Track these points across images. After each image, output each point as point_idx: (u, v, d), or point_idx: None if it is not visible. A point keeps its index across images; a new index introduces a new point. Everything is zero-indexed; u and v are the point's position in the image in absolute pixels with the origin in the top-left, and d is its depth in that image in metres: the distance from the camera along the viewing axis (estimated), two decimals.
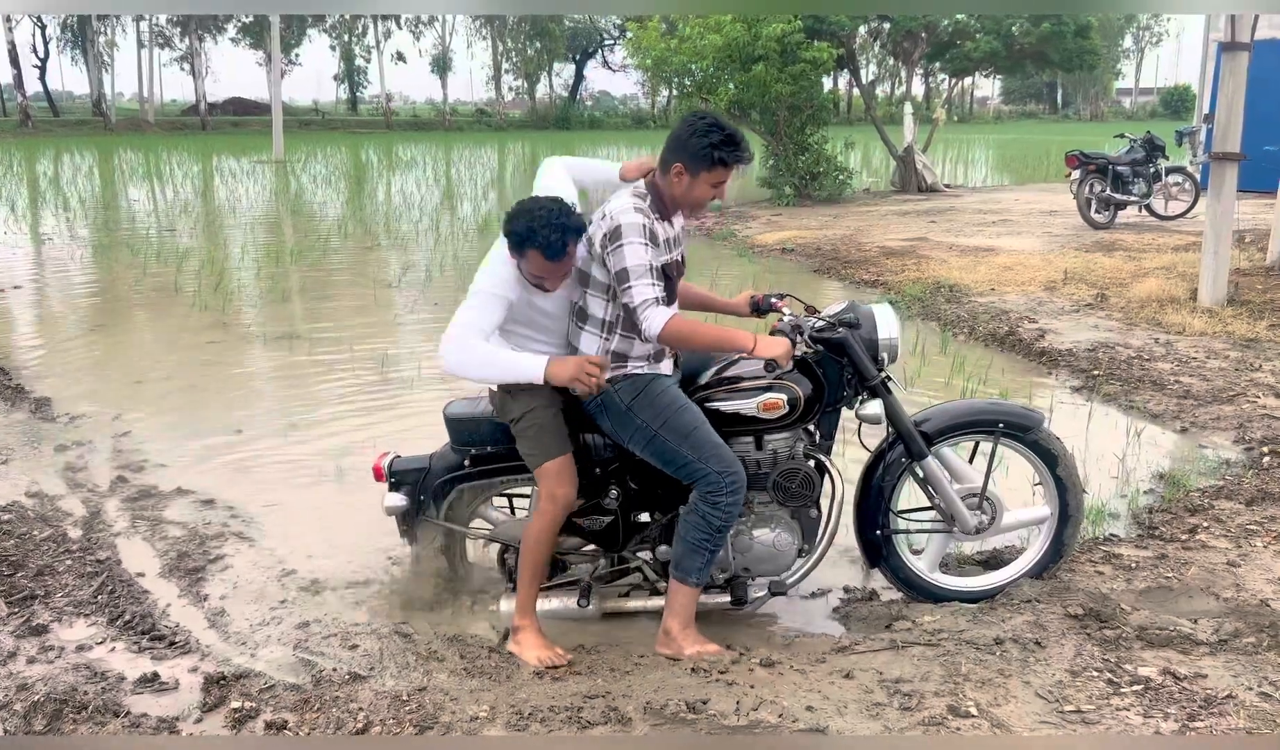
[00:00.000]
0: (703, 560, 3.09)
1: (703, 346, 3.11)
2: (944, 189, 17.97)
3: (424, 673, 2.96)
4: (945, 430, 3.33)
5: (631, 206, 2.98)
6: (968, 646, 2.96)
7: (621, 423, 3.09)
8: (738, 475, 3.04)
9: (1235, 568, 3.52)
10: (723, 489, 3.02)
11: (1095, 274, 9.02)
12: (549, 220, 2.92)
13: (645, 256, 2.93)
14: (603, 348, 3.09)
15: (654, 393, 3.07)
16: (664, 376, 3.14)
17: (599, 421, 3.17)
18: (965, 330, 7.39)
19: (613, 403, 3.08)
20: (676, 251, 3.14)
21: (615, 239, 2.95)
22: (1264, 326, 6.96)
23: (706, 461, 3.01)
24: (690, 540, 3.08)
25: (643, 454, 3.11)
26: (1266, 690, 2.70)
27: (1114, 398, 5.72)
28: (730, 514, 3.05)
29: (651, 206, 3.03)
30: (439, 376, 6.35)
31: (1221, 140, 7.53)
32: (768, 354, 2.99)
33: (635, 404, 3.06)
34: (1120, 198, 12.22)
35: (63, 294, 9.48)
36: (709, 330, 3.07)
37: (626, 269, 2.93)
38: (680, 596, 3.14)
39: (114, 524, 4.10)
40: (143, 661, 3.07)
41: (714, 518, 3.04)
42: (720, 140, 2.94)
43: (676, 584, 3.14)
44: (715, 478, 3.02)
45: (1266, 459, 4.60)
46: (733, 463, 3.04)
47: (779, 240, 12.06)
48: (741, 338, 3.02)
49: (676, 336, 2.97)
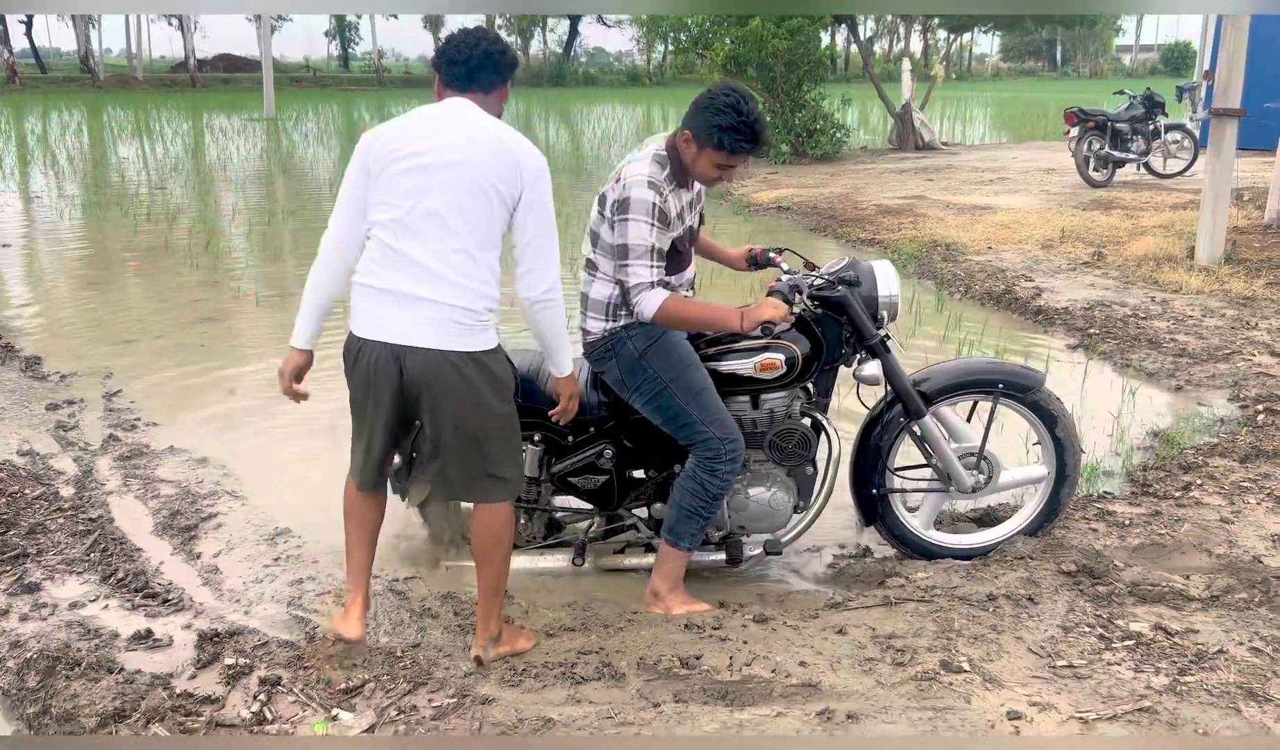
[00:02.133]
0: (696, 526, 3.09)
1: (694, 327, 3.07)
2: (941, 147, 17.85)
3: (418, 630, 2.97)
4: (944, 390, 3.31)
5: (647, 178, 2.90)
6: (961, 602, 2.97)
7: (631, 370, 3.05)
8: (738, 445, 3.02)
9: (1228, 524, 3.53)
10: (722, 456, 3.01)
11: (1093, 232, 8.98)
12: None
13: (648, 237, 2.88)
14: (617, 295, 3.04)
15: (668, 344, 3.04)
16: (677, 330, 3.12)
17: (604, 369, 3.13)
18: (961, 289, 7.36)
19: (625, 349, 3.05)
20: (692, 216, 3.10)
21: (623, 210, 2.90)
22: (1261, 285, 6.94)
23: (710, 425, 3.00)
24: (685, 506, 3.07)
25: (645, 406, 3.08)
26: (1257, 645, 2.71)
27: (1110, 356, 5.71)
28: (727, 482, 3.04)
29: (669, 175, 2.97)
30: None
31: (1222, 96, 7.46)
32: (755, 322, 2.95)
33: (649, 352, 3.03)
34: (1119, 155, 12.12)
35: (52, 252, 9.40)
36: (699, 310, 3.03)
37: (627, 246, 2.89)
38: (670, 561, 3.14)
39: (106, 482, 4.08)
40: (136, 619, 3.07)
41: (711, 485, 3.03)
42: (730, 124, 2.83)
43: (667, 547, 3.13)
44: (716, 443, 3.00)
45: (1261, 417, 4.60)
46: (735, 431, 3.03)
47: (775, 198, 11.98)
48: (730, 317, 2.98)
49: (668, 318, 2.94)
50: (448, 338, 2.52)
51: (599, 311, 3.07)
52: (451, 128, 2.56)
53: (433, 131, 2.56)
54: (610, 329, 3.06)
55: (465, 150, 2.52)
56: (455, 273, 2.51)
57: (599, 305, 3.07)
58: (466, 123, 2.58)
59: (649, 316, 2.92)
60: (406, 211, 2.51)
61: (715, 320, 3.03)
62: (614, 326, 3.06)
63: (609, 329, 3.07)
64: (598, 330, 3.09)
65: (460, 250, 2.51)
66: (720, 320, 3.02)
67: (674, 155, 2.98)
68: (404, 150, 2.54)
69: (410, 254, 2.51)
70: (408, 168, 2.52)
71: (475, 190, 2.50)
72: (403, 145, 2.55)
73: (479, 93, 2.64)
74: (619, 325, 3.05)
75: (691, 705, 2.51)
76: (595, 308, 3.08)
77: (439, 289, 2.50)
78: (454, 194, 2.50)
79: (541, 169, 2.58)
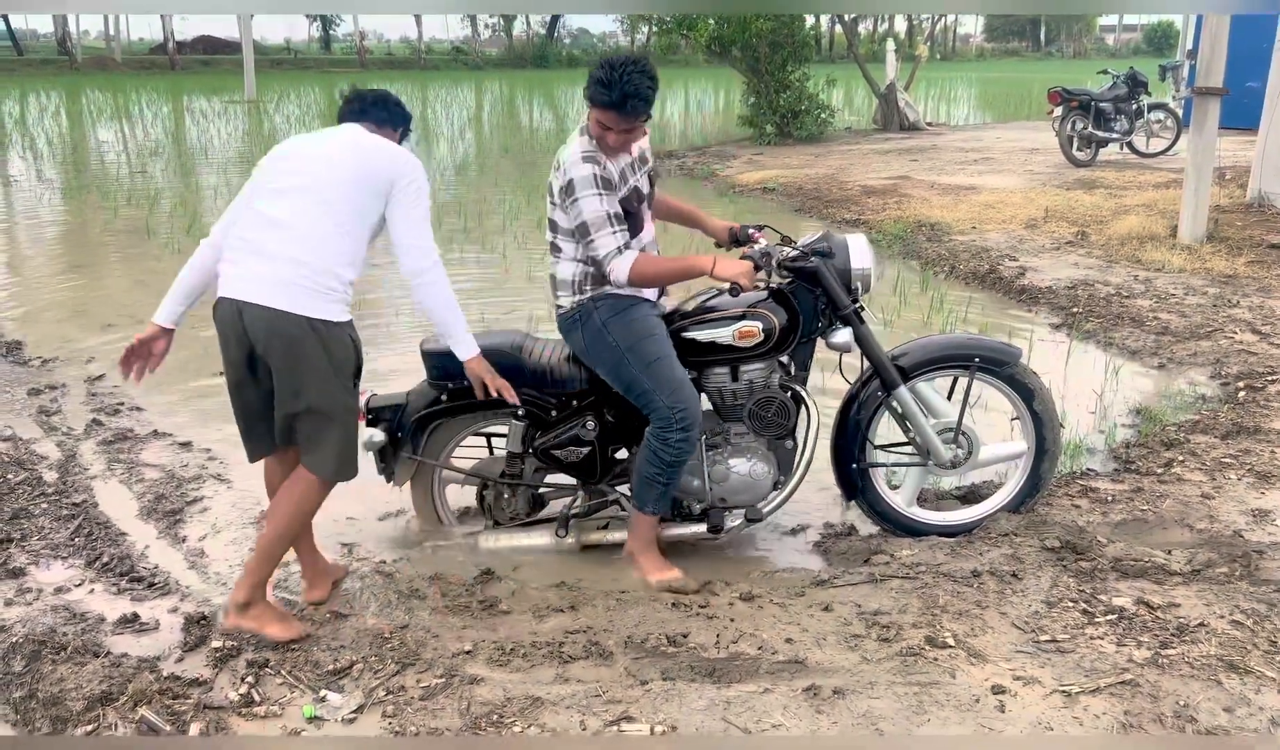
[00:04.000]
0: (656, 492, 3.14)
1: (668, 280, 3.14)
2: (926, 127, 17.84)
3: (406, 610, 2.97)
4: (922, 364, 3.33)
5: (580, 154, 3.00)
6: (945, 579, 3.00)
7: (594, 339, 3.12)
8: (689, 413, 3.04)
9: (1209, 500, 3.57)
10: (672, 425, 3.03)
11: (1076, 212, 9.01)
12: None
13: (601, 207, 2.96)
14: (583, 271, 3.12)
15: (631, 316, 3.11)
16: (645, 302, 3.17)
17: (570, 338, 3.20)
18: (946, 268, 7.38)
19: (590, 319, 3.12)
20: (636, 177, 3.14)
21: (569, 193, 2.99)
22: (1242, 263, 6.99)
23: (661, 394, 3.03)
24: (644, 473, 3.12)
25: (608, 376, 3.15)
26: (1238, 618, 2.74)
27: (1093, 334, 5.74)
28: (680, 451, 3.07)
29: (598, 146, 3.03)
30: (416, 322, 6.31)
31: (1205, 75, 7.48)
32: (728, 274, 2.99)
33: (611, 322, 3.10)
34: (1102, 135, 12.15)
35: (32, 236, 9.31)
36: (671, 264, 3.09)
37: (586, 223, 2.98)
38: (638, 524, 3.22)
39: (90, 467, 4.06)
40: (122, 603, 3.06)
41: (664, 453, 3.06)
42: (599, 78, 2.91)
43: (634, 511, 3.21)
44: (666, 412, 3.03)
45: (1242, 394, 4.64)
46: (687, 401, 3.05)
47: (760, 180, 11.96)
48: (702, 261, 3.05)
49: (642, 278, 3.02)
50: (289, 299, 2.61)
51: (566, 288, 3.17)
52: (339, 135, 2.82)
53: (321, 138, 2.83)
54: (578, 301, 3.15)
55: (347, 148, 2.76)
56: (314, 236, 2.65)
57: (565, 283, 3.16)
58: (354, 134, 2.82)
59: (623, 280, 2.98)
60: (279, 181, 2.71)
61: (687, 268, 3.08)
62: (581, 299, 3.14)
63: (577, 301, 3.15)
64: (567, 305, 3.18)
65: (323, 217, 2.66)
66: (692, 267, 3.07)
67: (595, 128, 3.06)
68: (292, 149, 2.80)
69: (273, 214, 2.67)
70: (291, 154, 2.78)
71: (347, 176, 2.70)
72: (293, 146, 2.82)
73: (370, 124, 2.89)
74: (586, 297, 3.13)
75: (679, 682, 2.53)
76: (563, 286, 3.18)
77: (290, 246, 2.63)
78: (328, 173, 2.70)
79: (415, 167, 2.79)
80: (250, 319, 2.62)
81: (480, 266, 7.81)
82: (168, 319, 2.87)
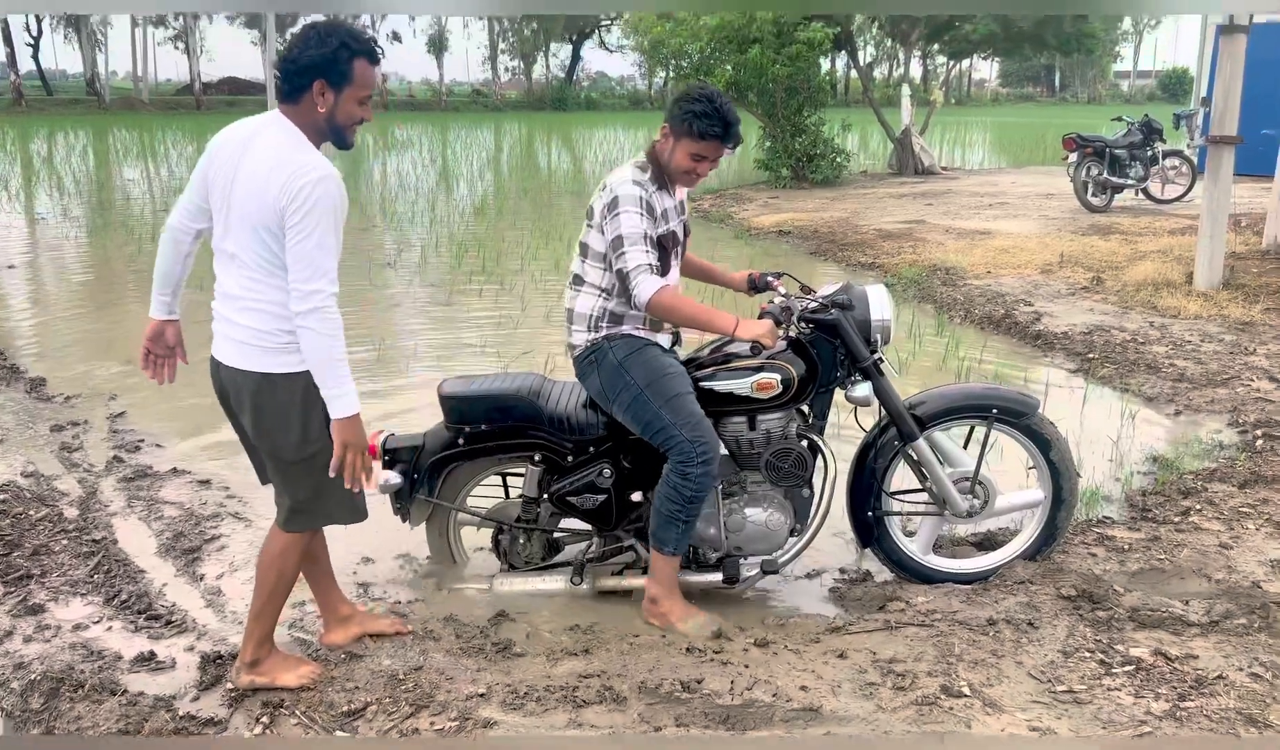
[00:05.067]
0: (677, 531, 3.11)
1: (687, 322, 3.10)
2: (941, 171, 17.94)
3: (420, 652, 2.97)
4: (939, 414, 3.33)
5: (630, 178, 3.05)
6: (961, 627, 2.98)
7: (611, 378, 3.12)
8: (709, 447, 3.05)
9: (1227, 550, 3.54)
10: (693, 459, 3.03)
11: (1091, 257, 9.03)
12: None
13: (640, 225, 2.99)
14: (601, 308, 3.13)
15: (648, 355, 3.13)
16: (660, 346, 3.19)
17: (588, 382, 3.19)
18: (961, 313, 7.40)
19: (606, 358, 3.12)
20: (676, 222, 3.17)
21: (613, 208, 3.02)
22: (1259, 310, 6.98)
23: (680, 428, 3.03)
24: (664, 511, 3.10)
25: (625, 415, 3.14)
26: (1257, 671, 2.72)
27: (1109, 380, 5.73)
28: (700, 486, 3.06)
29: (651, 177, 3.09)
30: (434, 357, 6.36)
31: (1219, 123, 7.52)
32: (749, 336, 3.01)
33: (629, 361, 3.11)
34: (1117, 181, 12.20)
35: (57, 274, 9.45)
36: (694, 308, 3.07)
37: (621, 236, 2.99)
38: (659, 564, 3.18)
39: (110, 504, 4.10)
40: (139, 640, 3.08)
41: (684, 488, 3.06)
42: (702, 110, 2.97)
43: (655, 553, 3.18)
44: (687, 446, 3.03)
45: (1260, 442, 4.61)
46: (707, 435, 3.06)
47: (776, 222, 12.04)
48: (725, 320, 3.03)
49: (663, 308, 3.00)
50: (244, 356, 2.59)
51: (583, 324, 3.16)
52: (248, 155, 2.52)
53: (238, 156, 2.55)
54: (593, 340, 3.15)
55: (247, 185, 2.50)
56: (251, 298, 2.56)
57: (583, 318, 3.15)
58: (260, 146, 2.52)
59: (645, 299, 2.97)
60: (219, 243, 2.62)
61: (709, 321, 3.06)
62: (596, 337, 3.14)
63: (592, 340, 3.15)
64: (582, 342, 3.17)
65: (252, 280, 2.55)
66: (715, 322, 3.06)
67: (654, 159, 3.11)
68: (220, 174, 2.58)
69: (224, 286, 2.63)
70: (219, 198, 2.59)
71: (248, 229, 2.51)
72: (221, 168, 2.58)
73: (285, 104, 2.54)
74: (601, 336, 3.14)
75: (693, 729, 2.52)
76: (579, 321, 3.16)
77: (240, 314, 2.59)
78: (238, 233, 2.54)
79: (306, 187, 2.43)
80: (225, 377, 2.67)
81: (498, 306, 7.88)
82: (160, 312, 2.86)
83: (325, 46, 2.47)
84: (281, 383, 2.58)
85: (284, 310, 2.53)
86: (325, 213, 2.45)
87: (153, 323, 2.88)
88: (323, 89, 2.49)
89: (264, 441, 2.65)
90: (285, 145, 2.50)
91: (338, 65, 2.48)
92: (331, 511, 2.76)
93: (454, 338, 6.95)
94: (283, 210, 2.44)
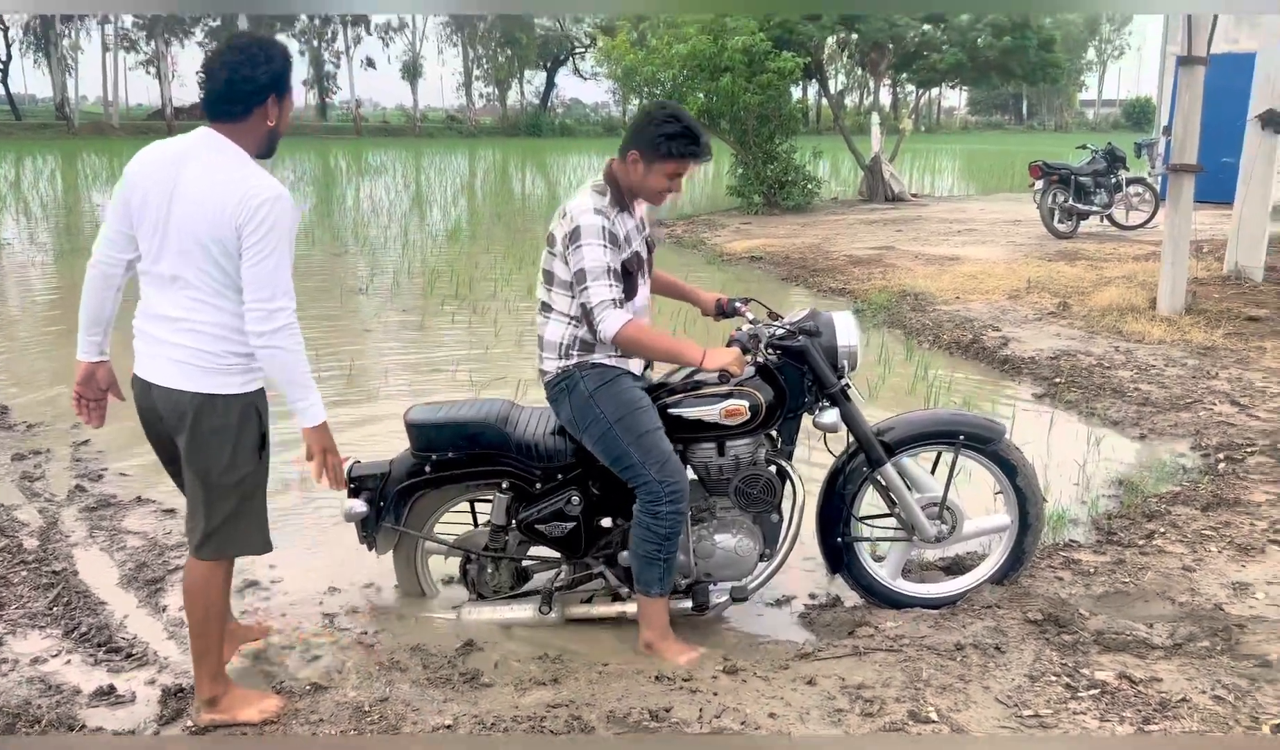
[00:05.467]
0: (659, 570, 3.10)
1: (654, 355, 3.11)
2: (910, 198, 18.15)
3: (386, 683, 2.94)
4: (907, 440, 3.35)
5: (591, 206, 3.01)
6: (929, 652, 2.99)
7: (581, 409, 3.10)
8: (678, 486, 3.05)
9: (1190, 572, 3.58)
10: (661, 498, 3.03)
11: (1058, 283, 9.15)
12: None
13: (603, 258, 2.96)
14: (571, 335, 3.10)
15: (619, 387, 3.10)
16: (632, 374, 3.17)
17: (559, 409, 3.17)
18: (930, 338, 7.47)
19: (577, 388, 3.10)
20: (638, 241, 3.16)
21: (575, 239, 2.98)
22: (1220, 334, 7.09)
23: (649, 467, 3.03)
24: (641, 552, 3.10)
25: (595, 446, 3.12)
26: (1220, 693, 2.74)
27: (1075, 405, 5.80)
28: (672, 523, 3.05)
29: (611, 200, 3.06)
30: (405, 383, 6.33)
31: (1179, 152, 7.66)
32: (716, 365, 3.01)
33: (599, 393, 3.08)
34: (1082, 208, 12.40)
35: (22, 300, 9.33)
36: (661, 340, 3.07)
37: (584, 270, 2.96)
38: (647, 608, 3.16)
39: (71, 534, 4.04)
40: (99, 674, 3.03)
41: (656, 527, 3.05)
42: (676, 132, 2.99)
43: (641, 598, 3.16)
44: (655, 486, 3.03)
45: (1222, 465, 4.68)
46: (675, 474, 3.05)
47: (747, 249, 12.12)
48: (692, 351, 3.03)
49: (629, 342, 2.98)
50: (186, 377, 2.57)
51: (553, 351, 3.13)
52: (184, 177, 2.51)
53: (171, 178, 2.52)
54: (564, 368, 3.12)
55: (191, 205, 2.49)
56: (196, 320, 2.55)
57: (553, 345, 3.13)
58: (199, 167, 2.52)
59: (610, 335, 2.94)
60: (152, 266, 2.58)
61: (677, 353, 3.06)
62: (567, 364, 3.11)
63: (563, 368, 3.12)
64: (553, 369, 3.14)
65: (195, 301, 2.55)
66: (682, 353, 3.05)
67: (613, 182, 3.08)
68: (150, 198, 2.54)
69: (158, 308, 2.60)
70: (151, 222, 2.54)
71: (195, 249, 2.50)
72: (149, 192, 2.54)
73: (225, 123, 2.54)
74: (572, 363, 3.11)
75: None
76: (550, 348, 3.14)
77: (181, 335, 2.57)
78: (180, 255, 2.52)
79: (262, 206, 2.47)
80: (158, 398, 2.64)
81: (470, 332, 7.86)
82: (90, 353, 2.81)
83: (276, 62, 2.53)
84: (221, 404, 2.58)
85: (227, 332, 2.55)
86: (283, 231, 2.50)
87: (82, 366, 2.80)
88: (275, 103, 2.56)
89: (196, 462, 2.61)
90: (230, 164, 2.51)
91: (286, 77, 2.57)
92: (242, 540, 2.71)
93: (426, 363, 6.93)
94: (239, 228, 2.46)
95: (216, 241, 2.48)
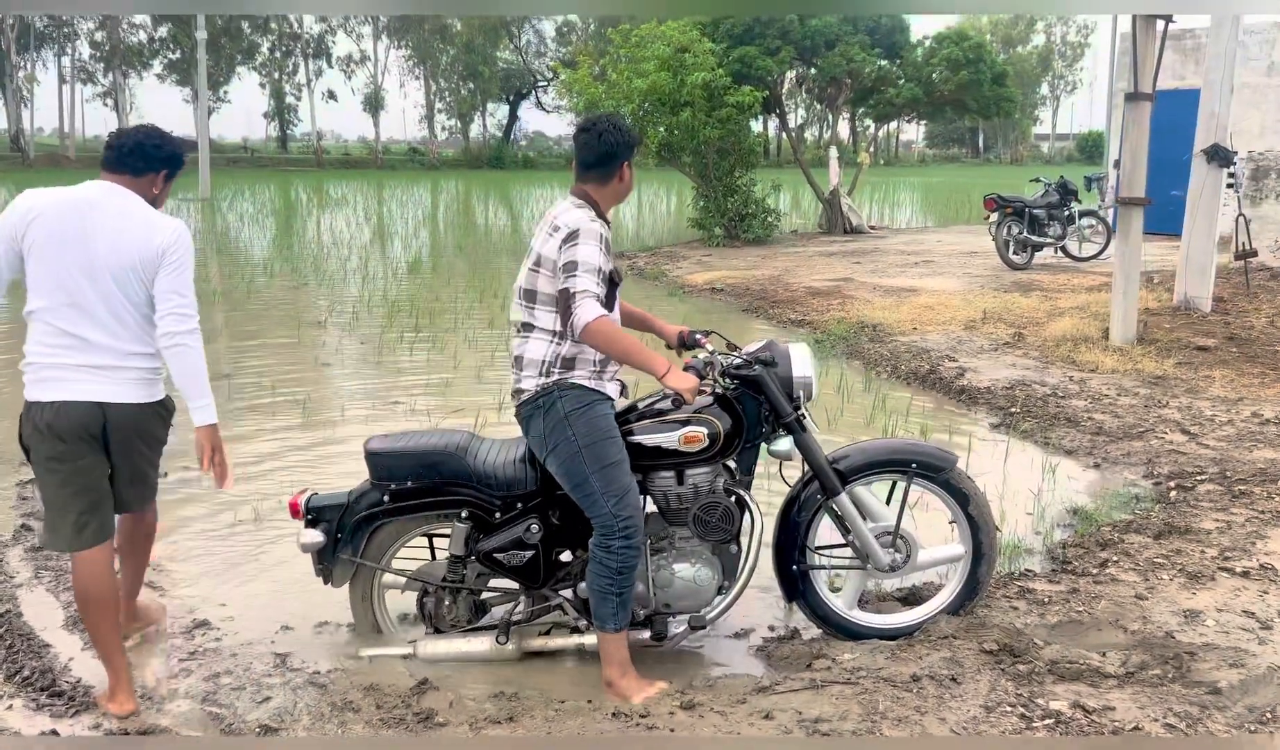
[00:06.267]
0: (613, 605, 3.09)
1: (621, 356, 3.07)
2: (869, 230, 18.39)
3: (338, 724, 2.89)
4: (860, 468, 3.38)
5: (588, 216, 3.08)
6: (885, 684, 3.00)
7: (554, 428, 3.08)
8: (632, 522, 3.05)
9: (1143, 601, 3.63)
10: (614, 532, 3.03)
11: (1013, 313, 9.29)
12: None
13: (598, 259, 3.01)
14: (554, 353, 3.09)
15: (595, 413, 3.09)
16: (608, 401, 3.16)
17: (530, 424, 3.15)
18: (888, 369, 7.54)
19: (555, 406, 3.09)
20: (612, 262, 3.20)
21: (573, 238, 3.01)
22: (1171, 364, 7.23)
23: (607, 499, 3.03)
24: (596, 587, 3.09)
25: (558, 469, 3.11)
26: (1171, 721, 2.77)
27: (1030, 434, 5.87)
28: (624, 557, 3.05)
29: (596, 214, 3.13)
30: (363, 416, 6.27)
31: (1128, 185, 7.85)
32: (675, 385, 3.03)
33: (574, 415, 3.07)
34: (1037, 240, 12.63)
35: None
36: (630, 343, 3.05)
37: (577, 261, 2.98)
38: (606, 644, 3.14)
39: (15, 575, 3.93)
40: (41, 719, 2.95)
41: (608, 561, 3.05)
42: (628, 127, 3.22)
43: (600, 634, 3.14)
44: (609, 519, 3.03)
45: (1173, 493, 4.76)
46: (631, 509, 3.05)
47: (708, 280, 12.19)
48: (658, 362, 3.05)
49: (600, 336, 2.96)
50: (125, 391, 2.95)
51: (534, 369, 3.11)
52: (99, 215, 2.92)
53: (82, 217, 2.91)
54: (544, 385, 3.10)
55: (119, 241, 2.90)
56: (128, 338, 2.95)
57: (534, 363, 3.11)
58: (112, 208, 2.95)
59: (586, 321, 2.92)
60: (71, 299, 2.89)
61: (643, 359, 3.04)
62: (547, 382, 3.10)
63: (542, 385, 3.10)
64: (531, 387, 3.12)
65: (122, 324, 2.94)
66: (648, 362, 3.04)
67: (589, 198, 3.16)
68: (58, 235, 2.89)
69: (85, 336, 2.91)
70: (66, 262, 2.88)
71: (127, 279, 2.91)
72: (57, 228, 2.89)
73: (127, 176, 3.01)
74: (553, 380, 3.09)
75: None
76: (530, 366, 3.12)
77: (109, 357, 2.93)
78: (108, 285, 2.89)
79: (180, 236, 2.97)
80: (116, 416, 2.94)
81: (430, 365, 7.82)
82: None
83: (172, 146, 3.11)
84: (152, 410, 3.05)
85: (148, 348, 2.98)
86: (192, 255, 3.03)
87: None
88: (164, 179, 3.12)
89: (139, 464, 3.06)
90: (143, 206, 3.00)
91: (177, 164, 3.14)
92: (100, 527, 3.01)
93: (384, 395, 6.87)
94: (164, 254, 2.92)
95: (145, 268, 2.91)
